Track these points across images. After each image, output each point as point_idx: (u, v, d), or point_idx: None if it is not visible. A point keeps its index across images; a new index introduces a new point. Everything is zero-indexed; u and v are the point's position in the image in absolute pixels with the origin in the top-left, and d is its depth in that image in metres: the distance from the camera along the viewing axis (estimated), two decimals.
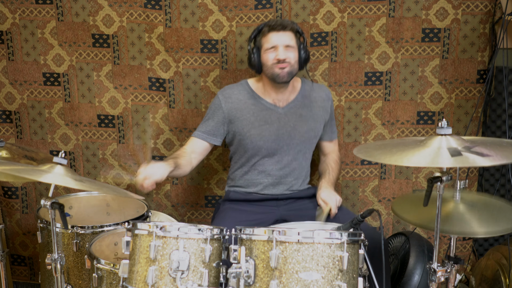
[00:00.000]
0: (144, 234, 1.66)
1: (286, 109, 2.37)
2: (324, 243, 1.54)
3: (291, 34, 2.28)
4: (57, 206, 1.76)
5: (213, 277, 1.65)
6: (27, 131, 2.83)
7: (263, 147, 2.35)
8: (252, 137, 2.35)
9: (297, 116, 2.37)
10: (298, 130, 2.36)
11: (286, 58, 2.25)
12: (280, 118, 2.36)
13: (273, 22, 2.29)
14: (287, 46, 2.26)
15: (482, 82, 2.62)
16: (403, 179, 2.75)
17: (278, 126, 2.35)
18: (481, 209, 1.76)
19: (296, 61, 2.29)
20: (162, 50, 2.66)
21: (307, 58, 2.33)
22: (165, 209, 2.84)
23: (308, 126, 2.38)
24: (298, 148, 2.38)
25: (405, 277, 2.41)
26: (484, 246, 2.81)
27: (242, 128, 2.35)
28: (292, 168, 2.39)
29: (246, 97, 2.37)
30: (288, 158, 2.38)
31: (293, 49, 2.28)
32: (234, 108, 2.36)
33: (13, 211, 2.91)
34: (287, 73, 2.27)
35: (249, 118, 2.35)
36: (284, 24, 2.28)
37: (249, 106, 2.36)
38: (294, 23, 2.31)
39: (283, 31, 2.27)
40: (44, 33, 2.70)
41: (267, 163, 2.37)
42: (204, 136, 2.39)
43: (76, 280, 2.14)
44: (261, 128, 2.34)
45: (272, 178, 2.38)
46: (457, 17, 2.56)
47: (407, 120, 2.69)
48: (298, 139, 2.36)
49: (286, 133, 2.35)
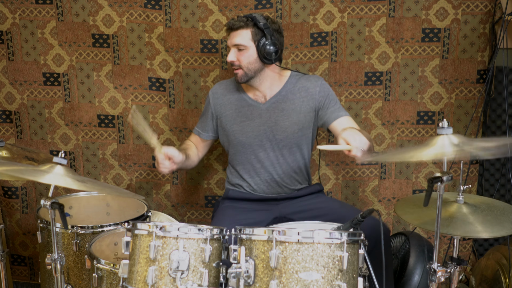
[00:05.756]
0: (144, 234, 1.66)
1: (267, 105, 2.34)
2: (324, 243, 1.54)
3: (243, 32, 2.21)
4: (57, 206, 1.76)
5: (213, 277, 1.65)
6: (27, 131, 2.83)
7: (246, 143, 2.35)
8: (235, 133, 2.36)
9: (279, 111, 2.33)
10: (280, 125, 2.32)
11: (235, 61, 2.24)
12: (261, 114, 2.34)
13: (231, 21, 2.25)
14: (237, 46, 2.23)
15: (482, 82, 2.62)
16: (403, 179, 2.75)
17: (259, 122, 2.33)
18: (484, 211, 1.77)
19: (250, 60, 2.23)
20: (162, 50, 2.66)
21: (270, 52, 2.22)
22: (165, 209, 2.84)
23: (290, 121, 2.32)
24: (283, 144, 2.33)
25: (405, 277, 2.41)
26: (484, 246, 2.81)
27: (226, 124, 2.38)
28: (281, 164, 2.36)
29: (232, 92, 2.40)
30: (274, 154, 2.35)
31: (245, 49, 2.22)
32: (219, 104, 2.40)
33: (13, 211, 2.91)
34: (241, 76, 2.26)
35: (232, 114, 2.37)
36: (234, 24, 2.22)
37: (232, 102, 2.38)
38: (252, 18, 2.22)
39: (234, 31, 2.23)
40: (44, 33, 2.70)
41: (254, 159, 2.36)
42: (198, 131, 2.47)
43: (76, 280, 2.14)
44: (243, 124, 2.35)
45: (264, 175, 2.36)
46: (457, 17, 2.56)
47: (407, 120, 2.69)
48: (280, 134, 2.32)
49: (268, 129, 2.33)
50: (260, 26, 2.21)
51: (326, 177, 2.78)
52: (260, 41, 2.22)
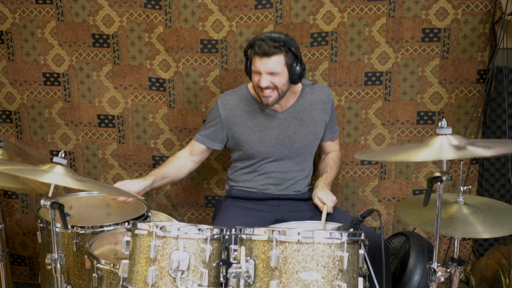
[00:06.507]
0: (144, 234, 1.66)
1: (286, 114, 2.35)
2: (324, 243, 1.54)
3: (277, 58, 2.15)
4: (57, 206, 1.76)
5: (213, 277, 1.66)
6: (27, 131, 2.83)
7: (263, 152, 2.35)
8: (252, 143, 2.34)
9: (298, 120, 2.36)
10: (299, 134, 2.36)
11: (270, 85, 2.18)
12: (280, 123, 2.35)
13: (258, 46, 2.14)
14: (271, 73, 2.17)
15: (482, 82, 2.62)
16: (403, 179, 2.75)
17: (278, 131, 2.34)
18: (484, 212, 1.77)
19: (284, 83, 2.20)
20: (162, 50, 2.66)
21: (301, 74, 2.22)
22: (165, 209, 2.84)
23: (308, 130, 2.37)
24: (300, 152, 2.38)
25: (405, 277, 2.41)
26: (484, 246, 2.81)
27: (241, 134, 2.35)
28: (294, 171, 2.39)
29: (245, 103, 2.36)
30: (290, 162, 2.38)
31: (279, 74, 2.17)
32: (232, 115, 2.35)
33: (13, 211, 2.91)
34: (271, 100, 2.23)
35: (248, 124, 2.34)
36: (267, 51, 2.12)
37: (248, 112, 2.35)
38: (284, 42, 2.15)
39: (267, 58, 2.14)
40: (44, 33, 2.70)
41: (269, 167, 2.38)
42: (203, 140, 2.40)
43: (76, 280, 2.14)
44: (261, 133, 2.34)
45: (274, 180, 2.39)
46: (457, 17, 2.56)
47: (407, 120, 2.69)
48: (299, 143, 2.36)
49: (287, 138, 2.35)
50: (293, 50, 2.16)
51: None
52: (292, 64, 2.19)
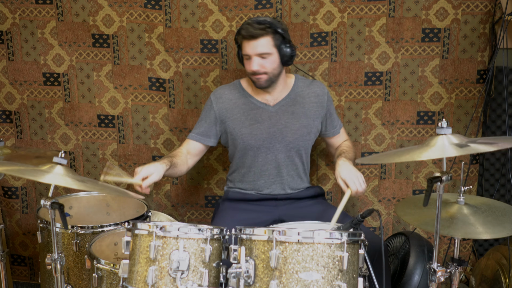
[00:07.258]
0: (144, 234, 1.66)
1: (277, 107, 2.36)
2: (324, 243, 1.54)
3: (265, 39, 2.19)
4: (57, 206, 1.76)
5: (213, 277, 1.65)
6: (27, 131, 2.83)
7: (255, 145, 2.35)
8: (243, 136, 2.35)
9: (289, 113, 2.35)
10: (290, 128, 2.35)
11: (260, 69, 2.22)
12: (271, 116, 2.35)
13: (245, 30, 2.19)
14: (260, 54, 2.21)
15: (482, 82, 2.62)
16: (403, 179, 2.75)
17: (269, 124, 2.34)
18: (485, 212, 1.77)
19: (275, 66, 2.24)
20: (162, 50, 2.66)
21: (291, 55, 2.26)
22: (165, 209, 2.84)
23: (300, 123, 2.36)
24: (291, 146, 2.36)
25: (405, 277, 2.41)
26: (484, 246, 2.81)
27: (233, 128, 2.36)
28: (287, 165, 2.38)
29: (237, 96, 2.38)
30: (282, 155, 2.36)
31: (269, 55, 2.21)
32: (225, 108, 2.37)
33: (13, 211, 2.91)
34: (264, 81, 2.26)
35: (240, 118, 2.35)
36: (254, 33, 2.17)
37: (239, 105, 2.36)
38: (270, 24, 2.19)
39: (254, 40, 2.19)
40: (44, 33, 2.70)
41: (262, 162, 2.37)
42: (198, 137, 2.40)
43: (76, 280, 2.14)
44: (252, 127, 2.34)
45: (268, 177, 2.38)
46: (457, 17, 2.56)
47: (407, 120, 2.69)
48: (290, 136, 2.35)
49: (277, 131, 2.34)
50: (279, 31, 2.21)
51: (325, 177, 2.78)
52: (281, 46, 2.22)
